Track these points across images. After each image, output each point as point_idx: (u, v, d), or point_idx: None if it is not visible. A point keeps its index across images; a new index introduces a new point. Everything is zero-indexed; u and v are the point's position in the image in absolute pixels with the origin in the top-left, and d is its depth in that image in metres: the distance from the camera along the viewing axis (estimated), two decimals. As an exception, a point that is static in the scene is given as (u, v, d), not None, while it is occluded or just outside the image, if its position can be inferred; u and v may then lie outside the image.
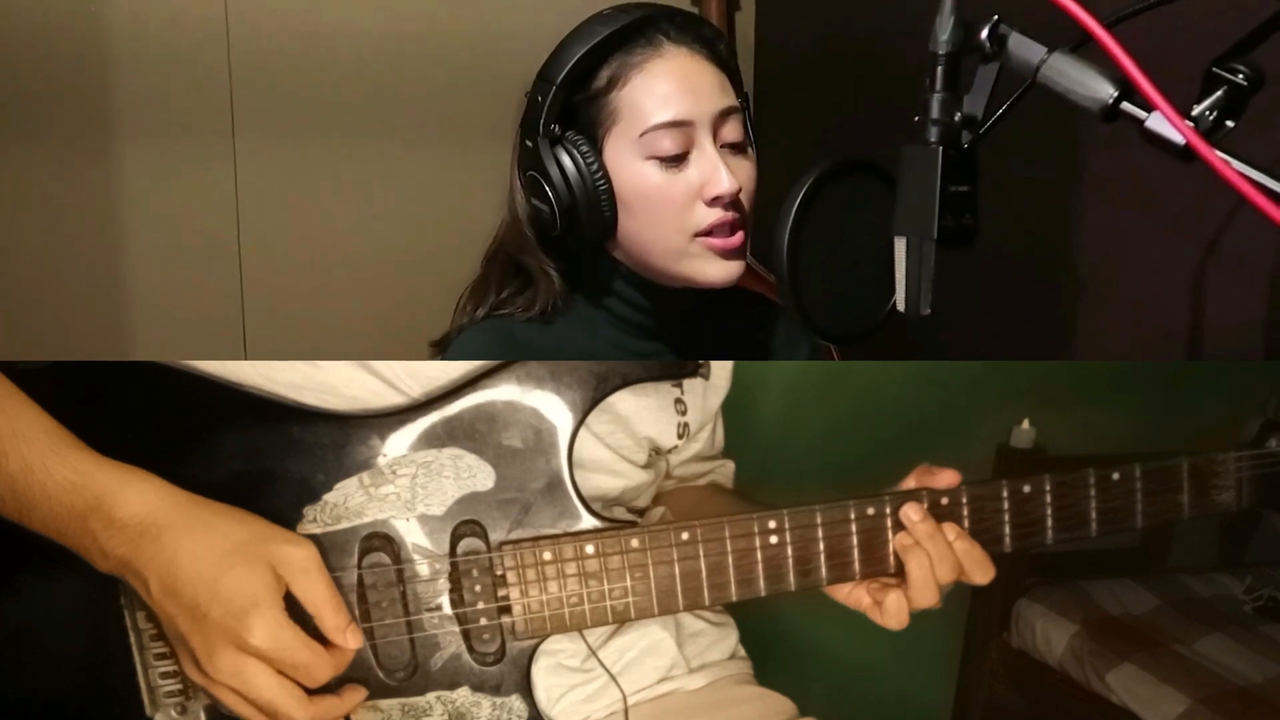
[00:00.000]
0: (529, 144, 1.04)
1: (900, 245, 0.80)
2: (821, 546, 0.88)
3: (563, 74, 1.01)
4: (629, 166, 1.02)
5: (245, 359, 1.75)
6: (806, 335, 1.20)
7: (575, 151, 1.02)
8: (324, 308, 1.95)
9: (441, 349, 1.10)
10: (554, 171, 1.02)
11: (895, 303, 0.82)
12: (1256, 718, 1.57)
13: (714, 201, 1.01)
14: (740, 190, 1.02)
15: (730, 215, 1.02)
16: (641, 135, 1.01)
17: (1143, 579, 2.01)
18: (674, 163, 1.01)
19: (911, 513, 0.88)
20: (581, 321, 1.09)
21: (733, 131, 1.03)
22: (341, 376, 0.86)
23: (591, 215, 1.03)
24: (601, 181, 1.02)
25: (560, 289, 1.08)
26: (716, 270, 1.04)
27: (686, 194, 1.02)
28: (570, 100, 1.03)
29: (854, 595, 0.92)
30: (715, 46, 1.05)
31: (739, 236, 1.04)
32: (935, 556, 0.88)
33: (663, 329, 1.10)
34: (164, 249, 1.86)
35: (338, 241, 1.95)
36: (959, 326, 1.40)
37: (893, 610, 0.89)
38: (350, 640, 0.80)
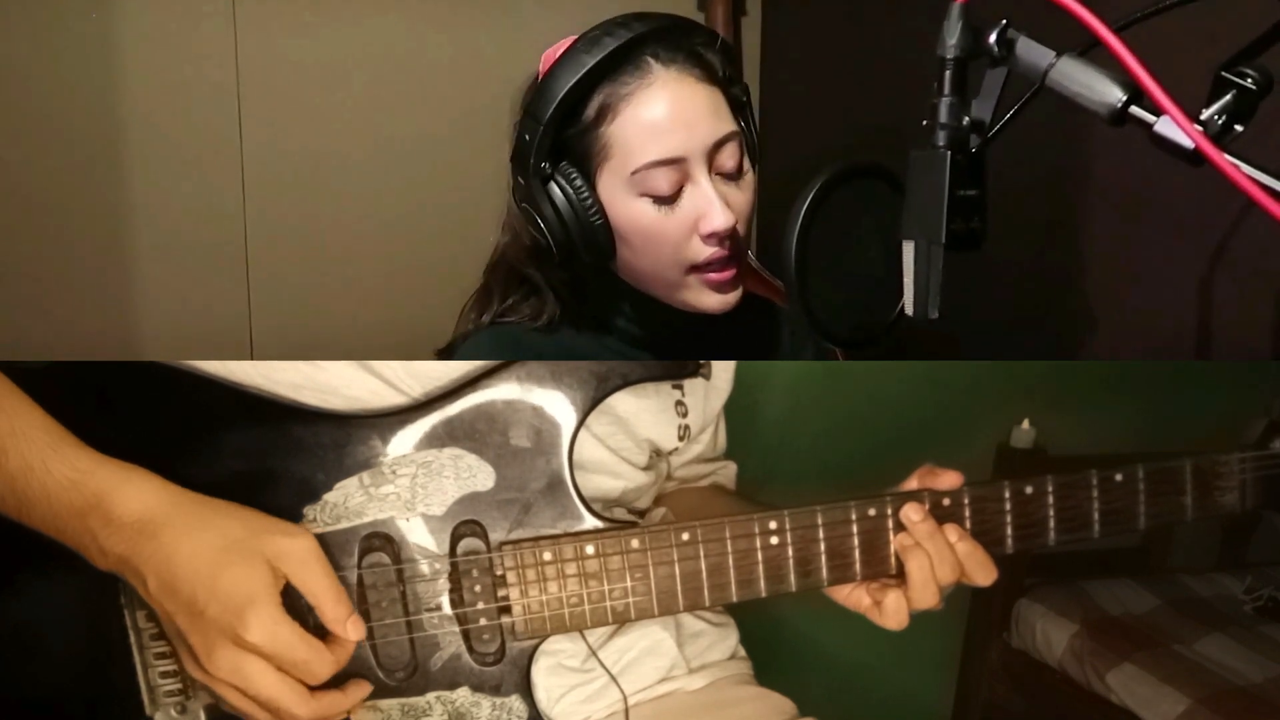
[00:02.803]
0: (520, 180, 1.02)
1: (909, 249, 0.80)
2: (822, 547, 0.88)
3: (549, 111, 0.97)
4: (623, 203, 1.00)
5: (249, 332, 1.74)
6: (813, 340, 1.20)
7: (569, 188, 1.00)
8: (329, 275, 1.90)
9: (448, 356, 1.09)
10: (547, 209, 1.00)
11: (903, 307, 0.82)
12: (1256, 718, 1.57)
13: (709, 237, 1.00)
14: (736, 223, 1.00)
15: (725, 250, 1.01)
16: (633, 173, 0.98)
17: (1143, 579, 2.01)
18: (668, 200, 0.99)
19: (912, 513, 0.88)
20: (587, 332, 1.09)
21: (729, 158, 1.00)
22: (342, 377, 0.86)
23: (588, 248, 1.01)
24: (596, 217, 1.00)
25: (566, 300, 1.07)
26: (712, 301, 1.03)
27: (680, 230, 1.00)
28: (561, 134, 0.99)
29: (854, 596, 0.91)
30: (706, 61, 1.01)
31: (733, 270, 1.02)
32: (935, 557, 0.88)
33: (668, 343, 1.10)
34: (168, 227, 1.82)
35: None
36: (966, 331, 1.39)
37: (892, 610, 0.88)
38: (351, 631, 0.79)
